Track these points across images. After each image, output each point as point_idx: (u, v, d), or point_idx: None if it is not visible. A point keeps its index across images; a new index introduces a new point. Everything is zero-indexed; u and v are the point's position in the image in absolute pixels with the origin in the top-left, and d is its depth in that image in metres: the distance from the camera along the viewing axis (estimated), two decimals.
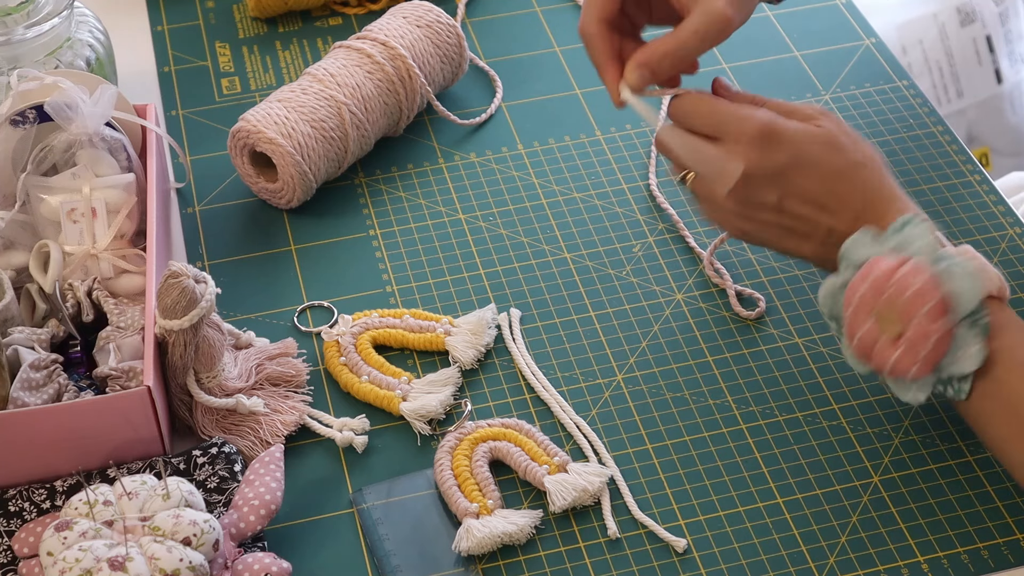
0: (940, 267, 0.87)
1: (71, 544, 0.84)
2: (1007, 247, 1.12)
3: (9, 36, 1.09)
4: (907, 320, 0.87)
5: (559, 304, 1.08)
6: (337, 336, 1.04)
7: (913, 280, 0.87)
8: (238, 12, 1.34)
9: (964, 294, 0.86)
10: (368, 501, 0.95)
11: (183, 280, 0.93)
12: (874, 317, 0.89)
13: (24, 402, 0.91)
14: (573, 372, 1.03)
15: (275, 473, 0.92)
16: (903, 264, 0.88)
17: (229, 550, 0.87)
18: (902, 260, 0.88)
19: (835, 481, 0.96)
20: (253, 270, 1.11)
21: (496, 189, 1.17)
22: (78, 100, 1.01)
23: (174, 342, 0.94)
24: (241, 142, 1.13)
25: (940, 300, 0.87)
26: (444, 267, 1.11)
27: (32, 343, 0.96)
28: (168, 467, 0.93)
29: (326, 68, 1.16)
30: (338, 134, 1.13)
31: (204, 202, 1.16)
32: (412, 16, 1.21)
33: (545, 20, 1.35)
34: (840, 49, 1.31)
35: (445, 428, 0.99)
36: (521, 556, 0.92)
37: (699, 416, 1.00)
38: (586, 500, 0.94)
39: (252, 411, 0.98)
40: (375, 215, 1.15)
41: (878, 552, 0.92)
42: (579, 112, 1.24)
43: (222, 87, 1.27)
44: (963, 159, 1.20)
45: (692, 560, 0.92)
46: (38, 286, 1.01)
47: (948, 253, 0.88)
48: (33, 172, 1.03)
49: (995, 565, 0.92)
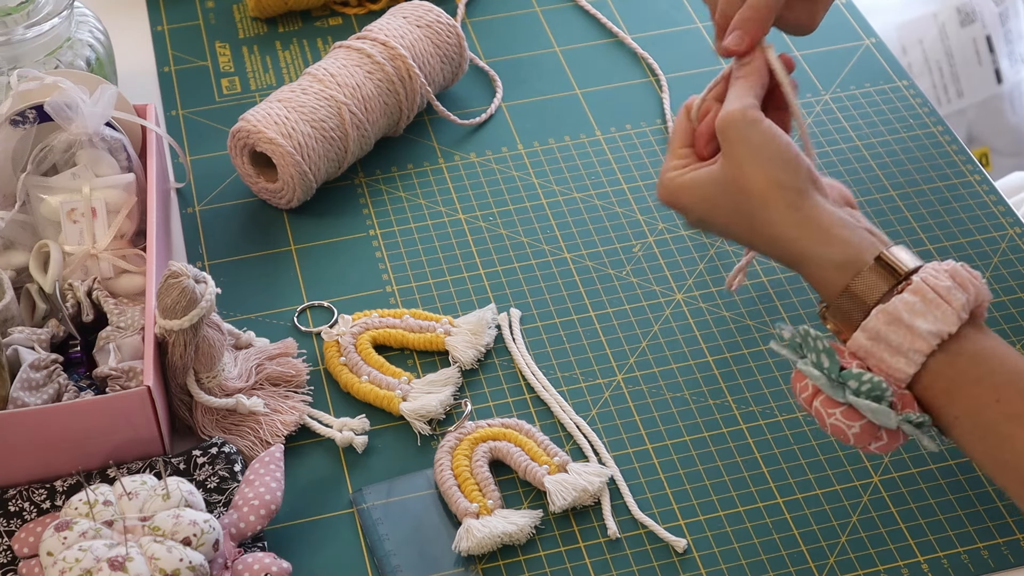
0: (849, 399, 0.81)
1: (71, 544, 0.84)
2: (1007, 247, 1.12)
3: (9, 36, 1.09)
4: (846, 441, 0.83)
5: (559, 304, 1.08)
6: (337, 336, 1.04)
7: (827, 418, 0.82)
8: (238, 12, 1.34)
9: (881, 419, 0.81)
10: (368, 501, 0.95)
11: (183, 280, 0.93)
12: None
13: (24, 402, 0.91)
14: (573, 372, 1.03)
15: (275, 473, 0.92)
16: (816, 395, 0.83)
17: (229, 550, 0.87)
18: (815, 390, 0.83)
19: (835, 481, 0.96)
20: (253, 270, 1.11)
21: (496, 189, 1.17)
22: (78, 100, 1.01)
23: (174, 342, 0.94)
24: (241, 142, 1.13)
25: (861, 428, 0.81)
26: (444, 267, 1.11)
27: (32, 343, 0.96)
28: (168, 467, 0.93)
29: (326, 68, 1.16)
30: (338, 134, 1.13)
31: (204, 202, 1.16)
32: (412, 16, 1.21)
33: (545, 20, 1.35)
34: (840, 49, 1.31)
35: (445, 428, 0.99)
36: (521, 556, 0.92)
37: (699, 416, 1.00)
38: (586, 500, 0.94)
39: (252, 411, 0.98)
40: (375, 215, 1.15)
41: (878, 552, 0.92)
42: (579, 112, 1.24)
43: (222, 87, 1.27)
44: (963, 159, 1.20)
45: (692, 560, 0.92)
46: (38, 286, 1.01)
47: (851, 376, 0.81)
48: (33, 172, 1.03)
49: (995, 565, 0.92)
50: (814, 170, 0.87)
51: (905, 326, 0.80)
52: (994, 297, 1.07)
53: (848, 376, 0.81)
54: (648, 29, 1.33)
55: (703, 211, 0.89)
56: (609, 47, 1.32)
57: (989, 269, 1.10)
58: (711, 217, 0.89)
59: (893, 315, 0.80)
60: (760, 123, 0.86)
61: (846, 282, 0.83)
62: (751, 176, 0.86)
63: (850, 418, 0.81)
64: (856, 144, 1.21)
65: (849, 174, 1.18)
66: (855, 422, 0.81)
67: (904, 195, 1.16)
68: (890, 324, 0.80)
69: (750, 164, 0.86)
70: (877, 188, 1.17)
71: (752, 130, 0.86)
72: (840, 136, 1.21)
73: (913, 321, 0.80)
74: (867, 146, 1.21)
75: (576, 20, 1.35)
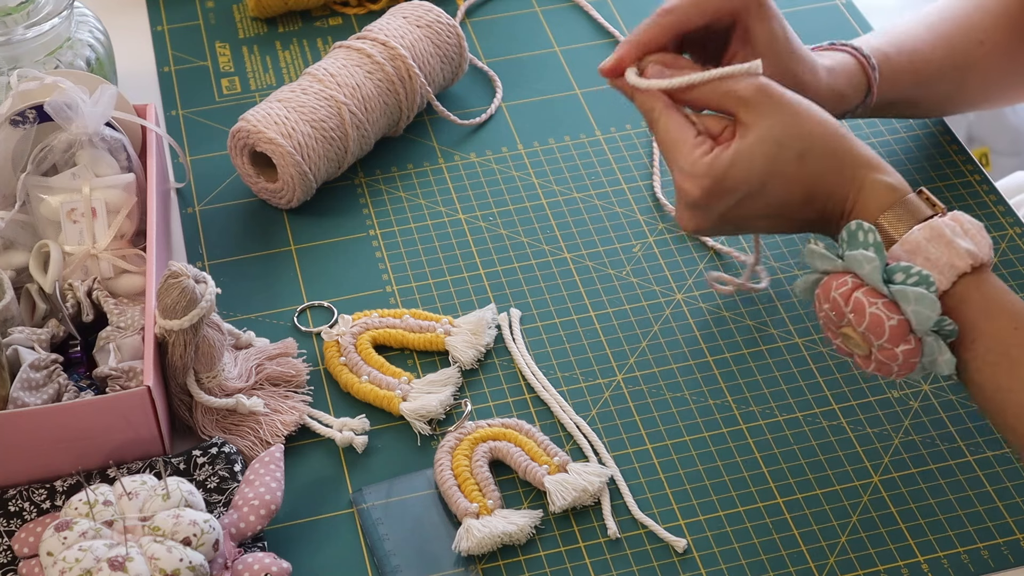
0: (893, 289, 0.85)
1: (71, 544, 0.84)
2: (1007, 247, 1.12)
3: (9, 36, 1.09)
4: (871, 344, 0.86)
5: (559, 304, 1.08)
6: (337, 336, 1.04)
7: (868, 307, 0.85)
8: (238, 12, 1.34)
9: (920, 314, 0.84)
10: (368, 501, 0.95)
11: (183, 280, 0.93)
12: (840, 337, 0.89)
13: (24, 402, 0.91)
14: (573, 372, 1.03)
15: (275, 473, 0.92)
16: (857, 288, 0.86)
17: (229, 550, 0.87)
18: (856, 283, 0.86)
19: (835, 481, 0.96)
20: (253, 270, 1.11)
21: (496, 189, 1.17)
22: (78, 100, 1.01)
23: (174, 342, 0.94)
24: (241, 142, 1.13)
25: (899, 323, 0.85)
26: (444, 267, 1.11)
27: (32, 343, 0.96)
28: (168, 467, 0.93)
29: (326, 68, 1.16)
30: (338, 134, 1.13)
31: (204, 202, 1.16)
32: (412, 16, 1.21)
33: (545, 20, 1.35)
34: None
35: (445, 428, 0.99)
36: (521, 556, 0.92)
37: (699, 416, 1.00)
38: (586, 500, 0.94)
39: (252, 411, 0.98)
40: (375, 215, 1.15)
41: (878, 552, 0.92)
42: (579, 112, 1.24)
43: (222, 87, 1.27)
44: (963, 159, 1.20)
45: (692, 560, 0.92)
46: (38, 286, 1.01)
47: (899, 269, 0.85)
48: (33, 172, 1.03)
49: (995, 565, 0.92)
50: None
51: (947, 242, 0.85)
52: None
53: (896, 269, 0.85)
54: None
55: (758, 180, 0.89)
56: (609, 47, 1.32)
57: None
58: (767, 185, 0.89)
59: (937, 230, 0.86)
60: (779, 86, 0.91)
61: (893, 202, 0.88)
62: (809, 121, 0.90)
63: (891, 310, 0.85)
64: None
65: None
66: (895, 315, 0.85)
67: None
68: (932, 239, 0.86)
69: (803, 113, 0.90)
70: None
71: (783, 90, 0.90)
72: None
73: (954, 239, 0.85)
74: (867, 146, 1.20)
75: (576, 20, 1.35)
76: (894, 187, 0.89)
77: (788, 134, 0.89)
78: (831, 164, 0.90)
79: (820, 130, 0.90)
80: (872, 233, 0.86)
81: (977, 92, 1.14)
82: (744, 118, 0.90)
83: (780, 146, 0.89)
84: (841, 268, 0.88)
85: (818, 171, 0.90)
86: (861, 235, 0.86)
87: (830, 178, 0.90)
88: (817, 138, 0.90)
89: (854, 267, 0.86)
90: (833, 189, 0.90)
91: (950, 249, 0.85)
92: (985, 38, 1.10)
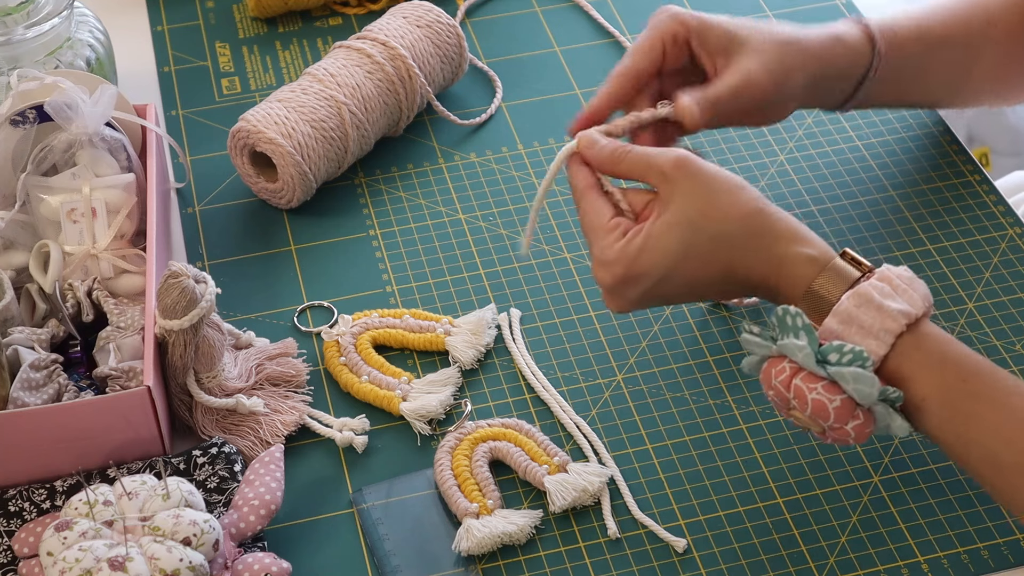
0: (830, 370, 0.84)
1: (71, 544, 0.84)
2: (1007, 247, 1.12)
3: (9, 36, 1.09)
4: (821, 424, 0.85)
5: (559, 304, 1.08)
6: (337, 336, 1.04)
7: (808, 393, 0.84)
8: (238, 12, 1.34)
9: (861, 391, 0.83)
10: (368, 501, 0.95)
11: (183, 280, 0.93)
12: (792, 418, 0.88)
13: (24, 402, 0.91)
14: (573, 372, 1.03)
15: (275, 473, 0.92)
16: (795, 374, 0.85)
17: (229, 550, 0.87)
18: (794, 369, 0.85)
19: (835, 481, 0.96)
20: (253, 270, 1.11)
21: (496, 189, 1.17)
22: (78, 100, 1.01)
23: (174, 342, 0.94)
24: (241, 142, 1.13)
25: (842, 403, 0.84)
26: (444, 267, 1.11)
27: (32, 343, 0.96)
28: (168, 467, 0.93)
29: (326, 68, 1.16)
30: (338, 134, 1.13)
31: (204, 202, 1.16)
32: (412, 16, 1.21)
33: (545, 20, 1.35)
34: None
35: (445, 428, 0.99)
36: (521, 556, 0.92)
37: (699, 416, 1.00)
38: (586, 500, 0.94)
39: (252, 411, 0.98)
40: (375, 215, 1.15)
41: (878, 552, 0.92)
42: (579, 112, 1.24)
43: (222, 87, 1.27)
44: (963, 159, 1.20)
45: (692, 560, 0.92)
46: (38, 286, 1.01)
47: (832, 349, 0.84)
48: (33, 172, 1.03)
49: (995, 565, 0.92)
50: None
51: (876, 306, 0.84)
52: (994, 297, 1.08)
53: (829, 350, 0.84)
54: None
55: (671, 264, 0.88)
56: (609, 47, 1.32)
57: (989, 269, 1.10)
58: (680, 267, 0.88)
59: (865, 296, 0.84)
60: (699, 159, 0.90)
61: (816, 274, 0.86)
62: (724, 200, 0.88)
63: (832, 392, 0.84)
64: (856, 144, 1.21)
65: (849, 174, 1.18)
66: (836, 395, 0.84)
67: (904, 195, 1.16)
68: (861, 306, 0.84)
69: (719, 190, 0.89)
70: (877, 188, 1.17)
71: (702, 165, 0.89)
72: (840, 136, 1.21)
73: (883, 301, 0.84)
74: (867, 146, 1.21)
75: (576, 20, 1.35)
76: (815, 258, 0.87)
77: (700, 216, 0.88)
78: (747, 243, 0.88)
79: (735, 209, 0.88)
80: (799, 317, 0.84)
81: (985, 77, 1.11)
82: (662, 193, 0.89)
83: (692, 228, 0.88)
84: (776, 354, 0.86)
85: (733, 251, 0.88)
86: (789, 320, 0.85)
87: (747, 256, 0.88)
88: (732, 218, 0.88)
89: (788, 354, 0.85)
90: (752, 266, 0.88)
91: (881, 313, 0.84)
92: (996, 20, 1.08)
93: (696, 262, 0.89)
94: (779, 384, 0.86)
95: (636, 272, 0.89)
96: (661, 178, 0.90)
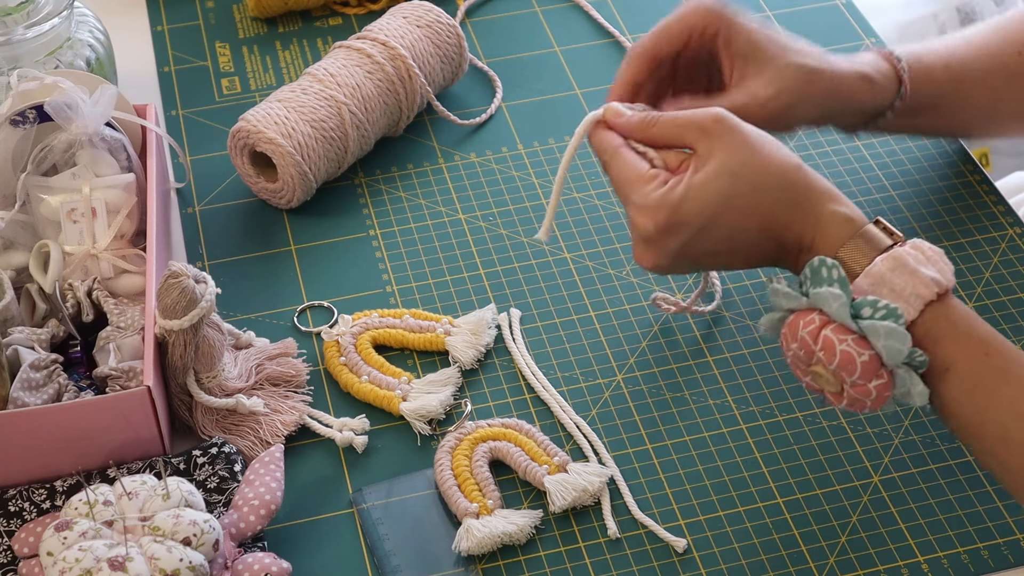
0: (862, 324, 0.83)
1: (71, 544, 0.84)
2: (1007, 247, 1.12)
3: (9, 36, 1.09)
4: (843, 381, 0.85)
5: (559, 304, 1.08)
6: (337, 336, 1.04)
7: (838, 344, 0.84)
8: (238, 12, 1.34)
9: (891, 348, 0.83)
10: (368, 501, 0.95)
11: (183, 280, 0.93)
12: (811, 375, 0.87)
13: (24, 402, 0.91)
14: (573, 372, 1.03)
15: (275, 473, 0.92)
16: (825, 325, 0.84)
17: (229, 550, 0.87)
18: (824, 320, 0.85)
19: (835, 481, 0.96)
20: (253, 270, 1.11)
21: (496, 189, 1.17)
22: (78, 100, 1.01)
23: (174, 342, 0.94)
24: (241, 142, 1.13)
25: (870, 358, 0.84)
26: (444, 267, 1.11)
27: (32, 343, 0.96)
28: (168, 467, 0.93)
29: (326, 68, 1.16)
30: (338, 134, 1.13)
31: (204, 202, 1.16)
32: (412, 16, 1.21)
33: (545, 20, 1.35)
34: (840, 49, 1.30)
35: (445, 428, 0.99)
36: (521, 556, 0.92)
37: (699, 416, 1.00)
38: (586, 500, 0.94)
39: (252, 411, 0.98)
40: (375, 215, 1.15)
41: (878, 552, 0.92)
42: (579, 112, 1.24)
43: (222, 87, 1.27)
44: (963, 159, 1.20)
45: (692, 560, 0.92)
46: (38, 286, 1.01)
47: (866, 303, 0.84)
48: (33, 172, 1.03)
49: (995, 565, 0.92)
50: None
51: (910, 271, 0.84)
52: (994, 297, 1.08)
53: (863, 304, 0.84)
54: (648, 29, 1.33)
55: (712, 213, 0.88)
56: (609, 47, 1.32)
57: (989, 269, 1.10)
58: (722, 217, 0.88)
59: (899, 260, 0.84)
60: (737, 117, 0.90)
61: (852, 235, 0.87)
62: (766, 152, 0.89)
63: (861, 346, 0.84)
64: (856, 144, 1.21)
65: (849, 174, 1.18)
66: (865, 350, 0.84)
67: (904, 195, 1.16)
68: (895, 269, 0.84)
69: (761, 144, 0.89)
70: (877, 188, 1.17)
71: (741, 121, 0.89)
72: (840, 137, 1.21)
73: (917, 267, 0.84)
74: (867, 146, 1.21)
75: (576, 20, 1.35)
76: (851, 219, 0.87)
77: (743, 166, 0.88)
78: (787, 196, 0.88)
79: (776, 162, 0.88)
80: (836, 269, 0.84)
81: (1012, 110, 1.10)
82: (700, 149, 0.89)
83: (735, 178, 0.88)
84: (807, 306, 0.86)
85: (773, 203, 0.88)
86: (824, 271, 0.85)
87: (786, 210, 0.88)
88: (773, 170, 0.88)
89: (820, 304, 0.85)
90: (789, 221, 0.88)
91: (915, 278, 0.84)
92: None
93: (737, 213, 0.88)
94: (807, 335, 0.85)
95: (679, 219, 0.88)
96: (700, 134, 0.89)
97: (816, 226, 0.88)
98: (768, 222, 0.88)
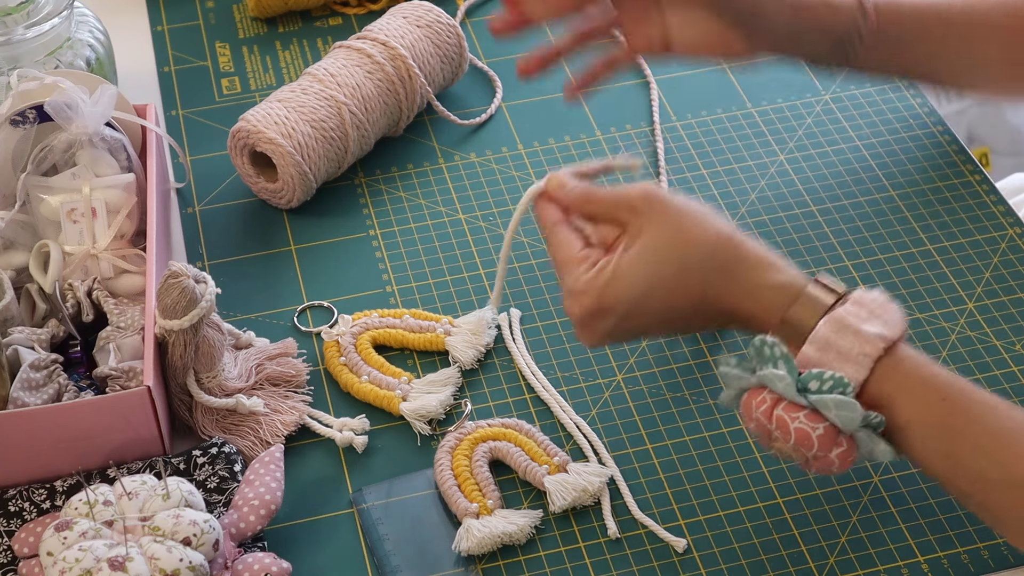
0: (811, 399, 0.83)
1: (71, 544, 0.84)
2: (1007, 247, 1.12)
3: (9, 36, 1.09)
4: (804, 454, 0.84)
5: (559, 304, 1.08)
6: (337, 336, 1.04)
7: (791, 423, 0.83)
8: (238, 12, 1.34)
9: (844, 417, 0.82)
10: (368, 501, 0.95)
11: (183, 280, 0.93)
12: (774, 450, 0.87)
13: (24, 402, 0.91)
14: (573, 372, 1.03)
15: (275, 473, 0.92)
16: (777, 404, 0.84)
17: (229, 550, 0.87)
18: (774, 399, 0.84)
19: (835, 481, 0.96)
20: (253, 270, 1.11)
21: (496, 189, 1.17)
22: (78, 100, 1.01)
23: (174, 342, 0.94)
24: (241, 142, 1.13)
25: (825, 430, 0.83)
26: (444, 267, 1.11)
27: (32, 343, 0.96)
28: (168, 467, 0.93)
29: (326, 68, 1.16)
30: (338, 134, 1.13)
31: (204, 202, 1.16)
32: (412, 16, 1.21)
33: None
34: None
35: (445, 428, 0.99)
36: (521, 556, 0.92)
37: (699, 416, 1.00)
38: (586, 500, 0.94)
39: (252, 411, 0.98)
40: (375, 215, 1.15)
41: (878, 552, 0.92)
42: (579, 112, 1.24)
43: (222, 87, 1.27)
44: (963, 159, 1.20)
45: (692, 560, 0.92)
46: (38, 286, 1.01)
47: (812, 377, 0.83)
48: (33, 172, 1.03)
49: (995, 565, 0.92)
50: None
51: (853, 331, 0.83)
52: (994, 297, 1.08)
53: (808, 378, 0.83)
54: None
55: (639, 294, 0.88)
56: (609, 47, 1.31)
57: (989, 269, 1.10)
58: (649, 297, 0.88)
59: (841, 321, 0.84)
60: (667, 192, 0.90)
61: (791, 302, 0.86)
62: (691, 228, 0.88)
63: (814, 420, 0.83)
64: (856, 144, 1.21)
65: (849, 174, 1.18)
66: (819, 423, 0.83)
67: (904, 195, 1.16)
68: (839, 331, 0.84)
69: (686, 219, 0.89)
70: (877, 188, 1.17)
71: (670, 196, 0.90)
72: (840, 136, 1.21)
73: (860, 326, 0.83)
74: (867, 146, 1.21)
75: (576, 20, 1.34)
76: (787, 284, 0.86)
77: (668, 244, 0.88)
78: (717, 271, 0.88)
79: (704, 235, 0.88)
80: (777, 347, 0.84)
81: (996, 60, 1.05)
82: (631, 228, 0.89)
83: (660, 257, 0.88)
84: (756, 384, 0.86)
85: (703, 278, 0.88)
86: (767, 350, 0.84)
87: (718, 285, 0.88)
88: (701, 244, 0.88)
89: (768, 384, 0.85)
90: (724, 293, 0.88)
91: (859, 337, 0.83)
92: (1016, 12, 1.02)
93: (665, 292, 0.88)
94: (760, 415, 0.85)
95: (604, 304, 0.88)
96: (630, 211, 0.89)
97: (751, 297, 0.87)
98: (700, 296, 0.88)
